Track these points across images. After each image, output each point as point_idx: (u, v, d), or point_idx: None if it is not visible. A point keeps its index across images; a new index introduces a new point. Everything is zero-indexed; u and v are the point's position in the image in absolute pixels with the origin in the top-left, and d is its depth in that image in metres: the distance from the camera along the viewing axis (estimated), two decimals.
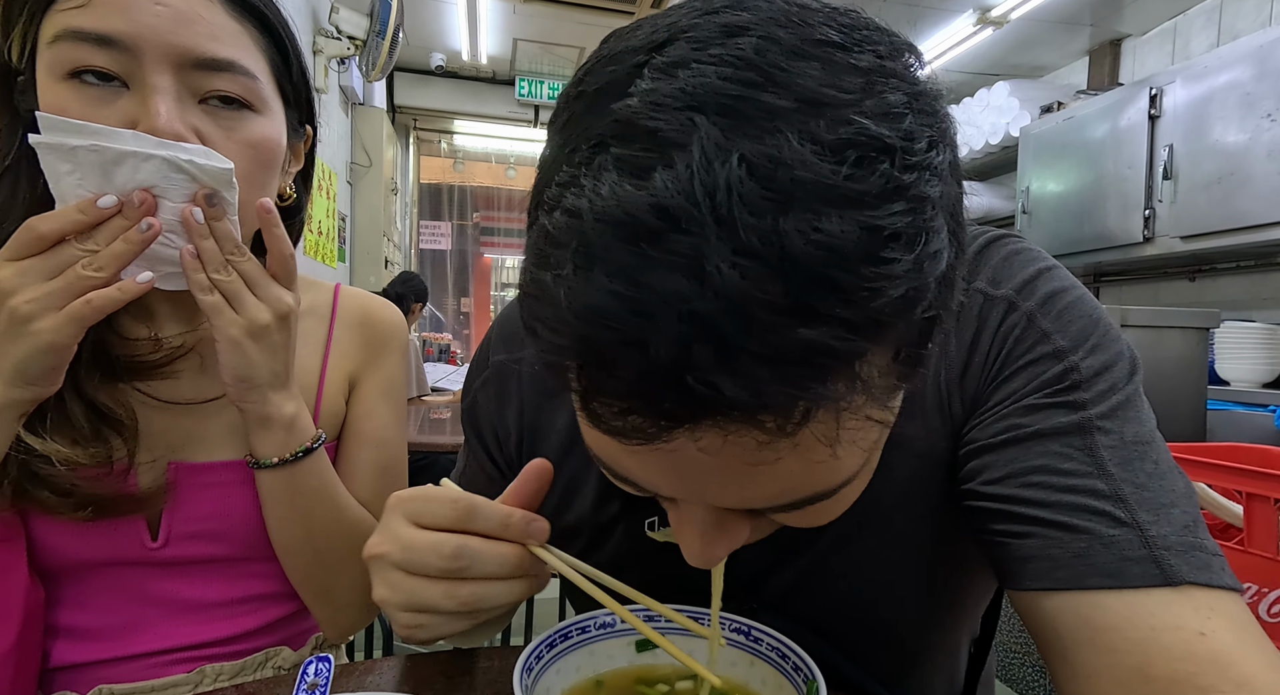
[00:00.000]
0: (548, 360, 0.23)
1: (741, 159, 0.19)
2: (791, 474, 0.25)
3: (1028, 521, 0.33)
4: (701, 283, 0.19)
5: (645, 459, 0.25)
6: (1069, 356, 0.35)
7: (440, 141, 4.93)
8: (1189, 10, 2.74)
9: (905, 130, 0.21)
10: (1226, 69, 2.02)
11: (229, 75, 0.45)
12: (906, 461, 0.38)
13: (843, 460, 0.25)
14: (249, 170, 0.47)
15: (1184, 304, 2.55)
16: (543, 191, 0.24)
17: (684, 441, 0.22)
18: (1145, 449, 0.33)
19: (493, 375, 0.49)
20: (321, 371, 0.58)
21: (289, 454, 0.49)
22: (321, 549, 0.53)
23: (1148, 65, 2.93)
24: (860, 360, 0.21)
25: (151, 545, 0.50)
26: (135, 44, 0.42)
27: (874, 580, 0.41)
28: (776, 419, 0.21)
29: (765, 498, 0.26)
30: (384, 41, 2.87)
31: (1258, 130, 1.93)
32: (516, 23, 3.57)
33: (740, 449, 0.22)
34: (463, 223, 5.19)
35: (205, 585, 0.53)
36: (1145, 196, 2.26)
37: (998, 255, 0.39)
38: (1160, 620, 0.29)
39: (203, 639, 0.52)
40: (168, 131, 0.42)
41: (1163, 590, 0.30)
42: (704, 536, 0.29)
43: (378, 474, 0.59)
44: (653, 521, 0.42)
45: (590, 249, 0.20)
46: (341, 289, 0.63)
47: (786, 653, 0.33)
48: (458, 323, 5.26)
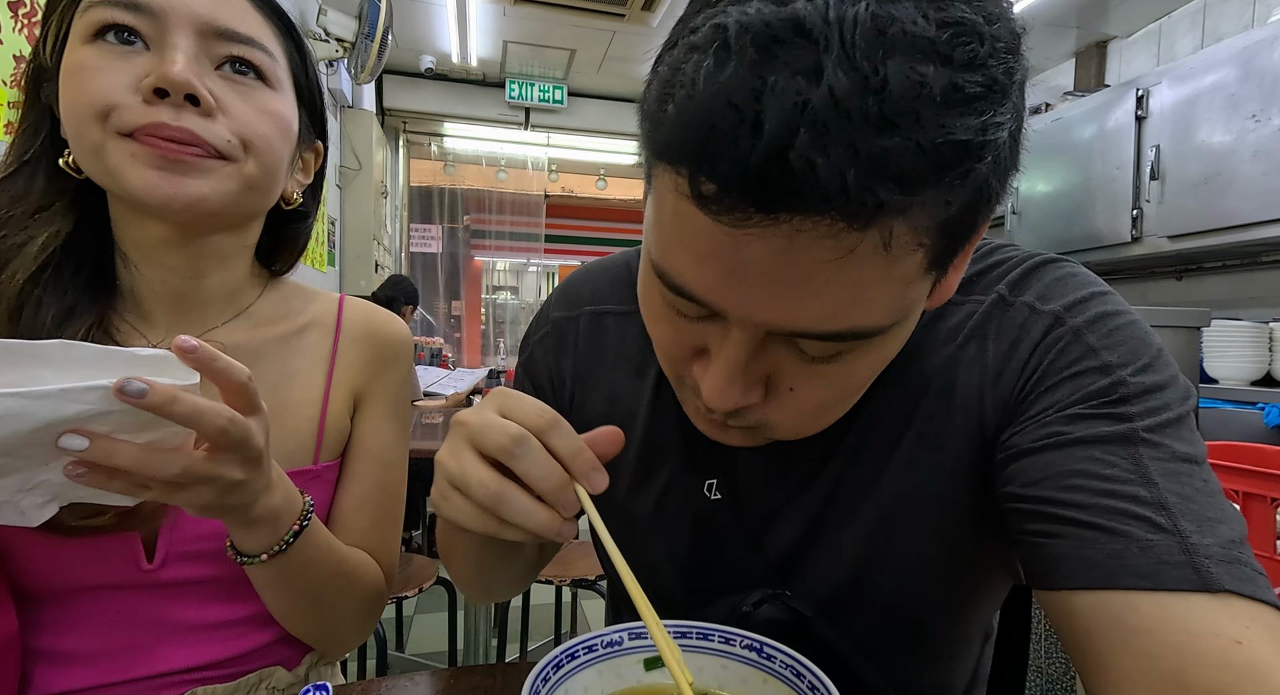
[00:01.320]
0: (666, 151, 0.27)
1: (867, 7, 0.24)
2: (840, 295, 0.28)
3: (1063, 522, 0.32)
4: (817, 83, 0.23)
5: (715, 267, 0.28)
6: (1117, 371, 0.35)
7: (430, 144, 4.90)
8: (1174, 12, 2.77)
9: (996, 32, 0.26)
10: (1211, 70, 2.05)
11: (249, 47, 0.47)
12: (936, 456, 0.40)
13: (879, 303, 0.28)
14: (264, 132, 0.48)
15: (1171, 303, 2.58)
16: (688, 23, 0.28)
17: (761, 245, 0.26)
18: (1194, 468, 0.33)
19: (552, 330, 0.53)
20: (326, 387, 0.57)
21: (279, 545, 0.45)
22: (322, 605, 0.51)
23: (1134, 67, 2.96)
24: (921, 189, 0.25)
25: (147, 567, 0.48)
26: (162, 10, 0.43)
27: (898, 568, 0.42)
28: (851, 210, 0.25)
29: (811, 318, 0.29)
30: (373, 44, 2.84)
31: (1243, 131, 1.96)
32: (506, 25, 3.55)
33: (808, 253, 0.26)
34: (453, 226, 5.16)
35: (201, 607, 0.51)
36: (1133, 197, 2.28)
37: (1050, 276, 0.40)
38: (1196, 625, 0.28)
39: (197, 662, 0.50)
40: (180, 79, 0.42)
41: (1200, 596, 0.29)
42: (731, 371, 0.31)
43: (382, 494, 0.58)
44: (711, 484, 0.44)
45: (728, 47, 0.25)
46: (346, 301, 0.62)
47: (802, 671, 0.32)
48: (449, 326, 5.23)
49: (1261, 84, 1.91)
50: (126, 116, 0.43)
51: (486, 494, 0.31)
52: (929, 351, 0.41)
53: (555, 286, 0.57)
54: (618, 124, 4.65)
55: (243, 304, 0.56)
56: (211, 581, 0.51)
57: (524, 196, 5.15)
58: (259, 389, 0.38)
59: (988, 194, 0.27)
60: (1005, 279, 0.40)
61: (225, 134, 0.46)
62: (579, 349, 0.52)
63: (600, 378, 0.51)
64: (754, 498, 0.45)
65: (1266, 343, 1.93)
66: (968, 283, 0.42)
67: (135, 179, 0.43)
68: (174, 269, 0.51)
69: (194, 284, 0.52)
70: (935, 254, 0.28)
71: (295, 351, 0.57)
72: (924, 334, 0.41)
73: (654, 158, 0.29)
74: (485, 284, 5.60)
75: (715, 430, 0.38)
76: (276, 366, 0.55)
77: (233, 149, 0.46)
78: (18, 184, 0.48)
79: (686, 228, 0.28)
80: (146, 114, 0.43)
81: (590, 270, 0.55)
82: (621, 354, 0.50)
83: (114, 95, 0.43)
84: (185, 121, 0.44)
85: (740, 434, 0.37)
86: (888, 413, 0.42)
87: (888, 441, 0.42)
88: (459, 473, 0.32)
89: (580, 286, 0.54)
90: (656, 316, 0.35)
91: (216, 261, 0.52)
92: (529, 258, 5.36)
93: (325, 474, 0.56)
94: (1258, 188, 1.92)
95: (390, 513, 0.59)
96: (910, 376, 0.41)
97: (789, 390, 0.33)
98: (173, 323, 0.52)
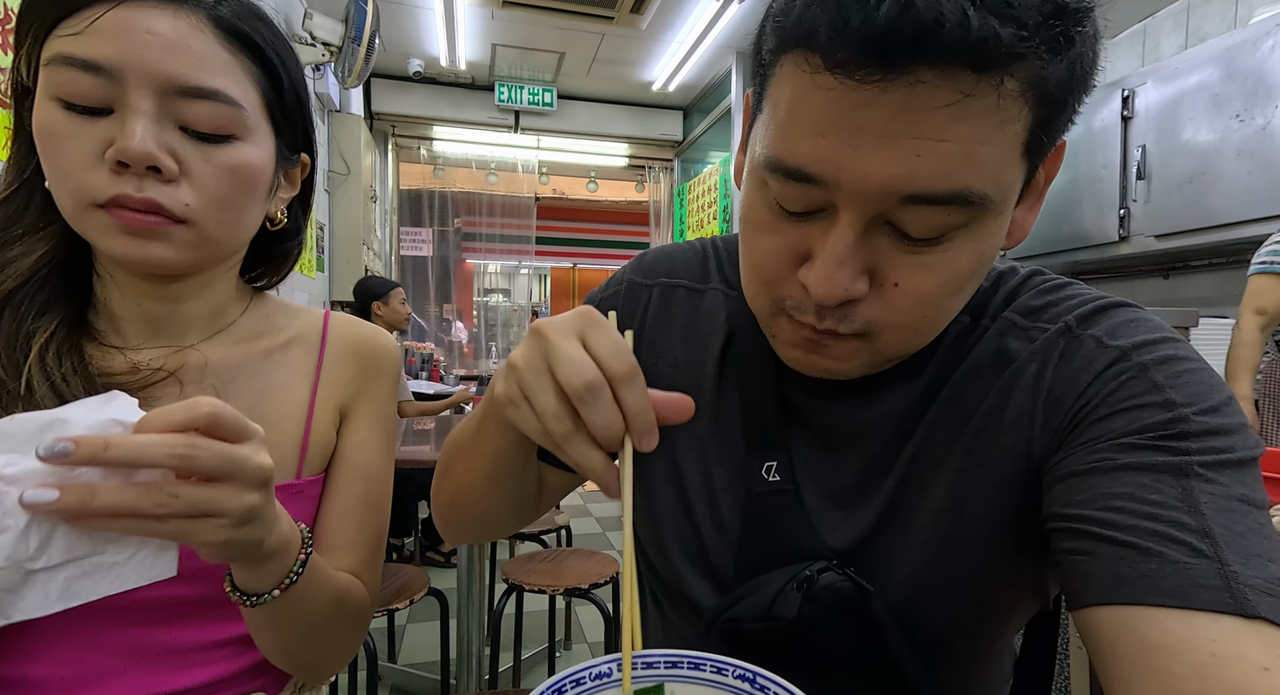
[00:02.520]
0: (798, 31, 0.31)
1: None
2: (953, 150, 0.30)
3: (1100, 540, 0.32)
4: None
5: (834, 136, 0.31)
6: (1180, 409, 0.34)
7: (419, 148, 4.87)
8: (1158, 13, 2.80)
9: None
10: (1195, 70, 2.07)
11: (212, 103, 0.46)
12: (982, 474, 0.41)
13: (988, 166, 0.31)
14: (223, 193, 0.47)
15: (1159, 301, 2.60)
16: None
17: (882, 101, 0.29)
18: (1251, 510, 0.31)
19: (625, 290, 0.54)
20: (311, 401, 0.56)
21: (290, 577, 0.43)
22: (318, 636, 0.50)
23: (1119, 67, 2.99)
24: (1033, 36, 0.28)
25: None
26: (120, 71, 0.43)
27: (944, 583, 0.42)
28: (972, 48, 0.27)
29: (926, 176, 0.30)
30: (360, 48, 2.82)
31: (1227, 130, 1.98)
32: (495, 28, 3.54)
33: (927, 101, 0.29)
34: (444, 229, 5.13)
35: (180, 629, 0.50)
36: (1120, 196, 2.30)
37: (1121, 317, 0.39)
38: (1222, 647, 0.27)
39: (176, 687, 0.49)
40: (140, 152, 0.43)
41: (1231, 618, 0.28)
42: (840, 255, 0.33)
43: (365, 509, 0.57)
44: (770, 466, 0.46)
45: None
46: (331, 316, 0.61)
47: None
48: (440, 329, 5.21)
49: (1244, 84, 1.93)
50: (95, 190, 0.44)
51: (558, 429, 0.33)
52: (986, 371, 0.41)
53: (632, 260, 0.59)
54: (608, 126, 4.65)
55: (225, 321, 0.55)
56: (191, 602, 0.49)
57: (515, 199, 5.14)
58: (238, 406, 0.36)
59: (1080, 75, 0.31)
60: (1075, 312, 0.41)
61: (185, 198, 0.46)
62: (649, 314, 0.53)
63: (667, 345, 0.51)
64: (808, 491, 0.46)
65: None
66: (1036, 310, 0.42)
67: (110, 245, 0.46)
68: (154, 296, 0.51)
69: (174, 307, 0.52)
70: (1033, 128, 0.31)
71: (277, 366, 0.56)
72: (985, 352, 0.42)
73: (782, 48, 0.33)
74: (477, 286, 5.58)
75: (812, 353, 0.39)
76: (257, 382, 0.54)
77: (190, 212, 0.46)
78: (14, 205, 0.48)
79: (808, 107, 0.31)
80: (112, 184, 0.44)
81: (669, 249, 0.56)
82: (690, 326, 0.51)
83: (80, 170, 0.44)
84: (148, 192, 0.44)
85: (840, 353, 0.38)
86: (941, 426, 0.42)
87: (939, 456, 0.42)
88: (535, 392, 0.33)
89: (658, 260, 0.55)
90: (760, 226, 0.37)
91: (197, 288, 0.52)
92: (520, 260, 5.34)
93: (308, 489, 0.55)
94: (1242, 186, 1.94)
95: (373, 527, 0.58)
96: (967, 394, 0.42)
97: (894, 285, 0.34)
98: (149, 341, 0.51)
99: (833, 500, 0.45)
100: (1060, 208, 2.54)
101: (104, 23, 0.43)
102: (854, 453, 0.45)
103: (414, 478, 2.02)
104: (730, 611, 0.44)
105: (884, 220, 0.33)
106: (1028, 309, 0.42)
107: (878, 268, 0.34)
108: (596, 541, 3.26)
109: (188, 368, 0.51)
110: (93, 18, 0.43)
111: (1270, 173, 1.87)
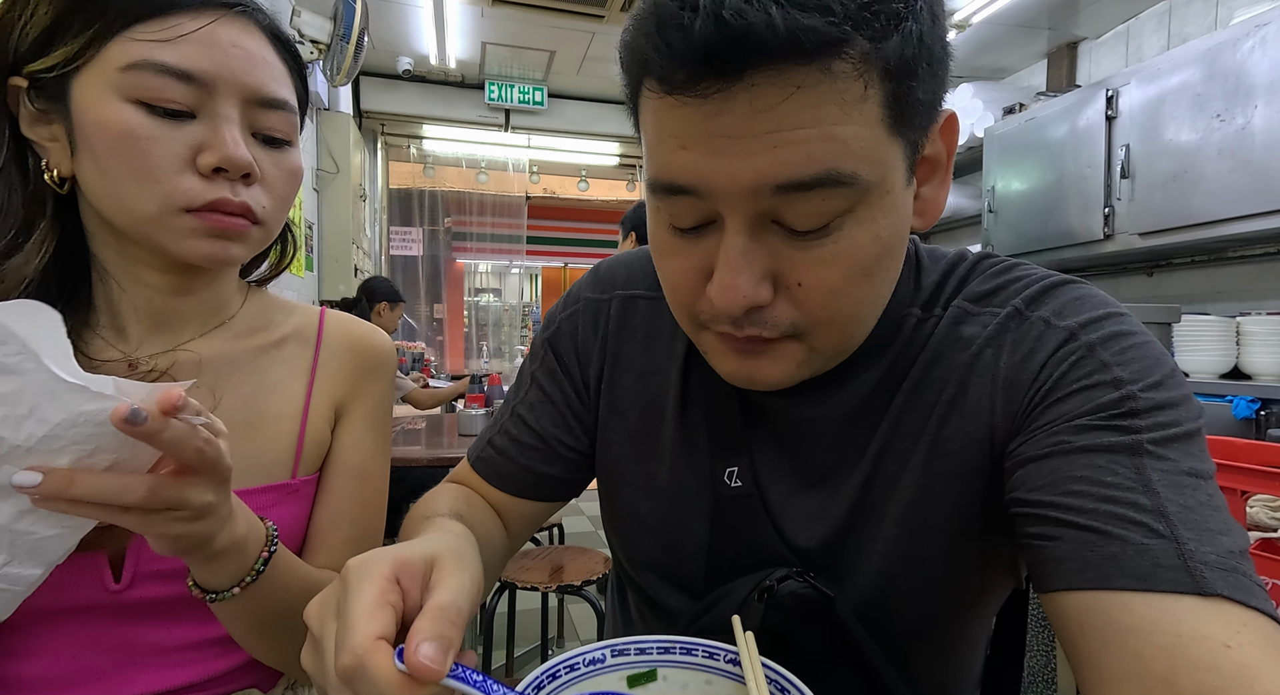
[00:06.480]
0: (635, 62, 0.34)
1: None
2: (808, 135, 0.31)
3: (1063, 525, 0.33)
4: None
5: (696, 148, 0.32)
6: (1128, 386, 0.35)
7: (409, 146, 4.84)
8: (1141, 14, 2.84)
9: None
10: (1178, 71, 2.09)
11: (281, 113, 0.49)
12: (949, 462, 0.41)
13: (849, 146, 0.31)
14: (287, 195, 0.52)
15: (1143, 298, 2.63)
16: None
17: (728, 109, 0.30)
18: (1199, 482, 0.33)
19: (585, 307, 0.55)
20: (306, 399, 0.56)
21: (250, 574, 0.43)
22: (295, 632, 0.49)
23: (1103, 67, 3.02)
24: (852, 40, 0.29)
25: (114, 587, 0.47)
26: (213, 81, 0.45)
27: (917, 572, 0.43)
28: (788, 44, 0.28)
29: (790, 164, 0.31)
30: (348, 45, 2.80)
31: (1208, 130, 2.01)
32: (485, 26, 3.52)
33: (768, 99, 0.30)
34: (434, 228, 5.11)
35: (172, 627, 0.49)
36: (1104, 195, 2.33)
37: (1067, 295, 0.40)
38: (1187, 627, 0.28)
39: (168, 686, 0.49)
40: (243, 160, 0.46)
41: (1192, 598, 0.29)
42: (734, 262, 0.34)
43: (360, 509, 0.57)
44: (732, 471, 0.46)
45: None
46: (327, 313, 0.61)
47: (786, 686, 0.32)
48: (431, 329, 5.18)
49: (1225, 84, 1.96)
50: (190, 195, 0.45)
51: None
52: (945, 358, 0.42)
53: (585, 274, 0.59)
54: (599, 125, 4.64)
55: (223, 316, 0.55)
56: (183, 601, 0.49)
57: (505, 198, 5.12)
58: (235, 403, 0.37)
59: (924, 45, 0.32)
60: (1022, 294, 0.41)
61: (263, 201, 0.49)
62: (610, 329, 0.53)
63: (632, 357, 0.52)
64: (773, 492, 0.46)
65: (1234, 336, 1.98)
66: (985, 295, 0.43)
67: (189, 247, 0.47)
68: (159, 288, 0.51)
69: (178, 300, 0.52)
70: (888, 103, 0.32)
71: (273, 363, 0.56)
72: (941, 341, 0.42)
73: (633, 80, 0.35)
74: (467, 286, 5.56)
75: (747, 362, 0.39)
76: (254, 378, 0.54)
77: (266, 213, 0.50)
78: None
79: (668, 126, 0.33)
80: (209, 189, 0.46)
81: (621, 258, 0.57)
82: (652, 335, 0.52)
83: (171, 174, 0.45)
84: (243, 196, 0.47)
85: (779, 363, 0.38)
86: (906, 419, 0.43)
87: (906, 449, 0.43)
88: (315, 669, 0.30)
89: (613, 271, 0.56)
90: (665, 250, 0.38)
91: (205, 279, 0.53)
92: (511, 259, 5.32)
93: (303, 489, 0.55)
94: (1223, 185, 1.97)
95: (368, 527, 0.58)
96: (927, 383, 0.42)
97: (797, 285, 0.35)
98: (148, 336, 0.51)
99: (800, 499, 0.46)
100: (1045, 206, 2.57)
101: (195, 33, 0.45)
102: (818, 449, 0.45)
103: (405, 478, 2.01)
104: (701, 621, 0.45)
105: (769, 218, 0.34)
106: (977, 295, 0.43)
107: (779, 270, 0.35)
108: (589, 539, 3.27)
109: (184, 364, 0.51)
110: (181, 29, 0.44)
111: (1250, 171, 1.90)
